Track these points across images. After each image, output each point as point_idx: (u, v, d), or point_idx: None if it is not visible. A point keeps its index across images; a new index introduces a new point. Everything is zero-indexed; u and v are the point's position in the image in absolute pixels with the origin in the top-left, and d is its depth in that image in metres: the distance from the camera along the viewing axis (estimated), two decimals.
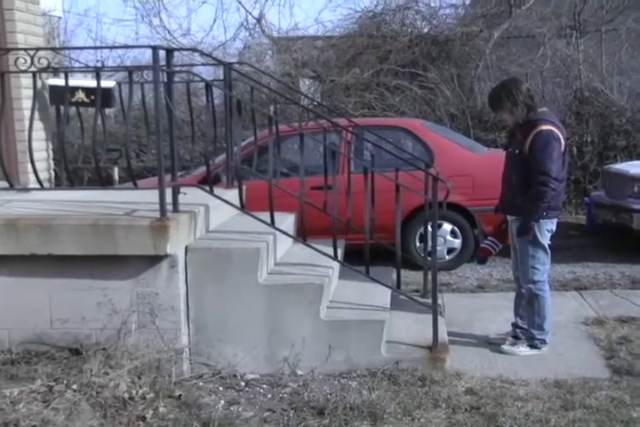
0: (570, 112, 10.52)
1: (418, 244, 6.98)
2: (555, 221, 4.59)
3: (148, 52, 12.08)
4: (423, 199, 5.31)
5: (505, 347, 4.64)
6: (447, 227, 7.03)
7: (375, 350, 4.16)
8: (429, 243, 4.83)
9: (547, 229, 4.52)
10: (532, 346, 4.61)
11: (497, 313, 5.32)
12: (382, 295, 4.63)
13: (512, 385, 4.04)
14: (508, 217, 4.69)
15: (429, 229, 4.85)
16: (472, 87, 11.10)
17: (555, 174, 4.36)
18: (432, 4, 12.06)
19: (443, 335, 4.45)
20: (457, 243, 7.09)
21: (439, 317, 4.41)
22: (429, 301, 4.51)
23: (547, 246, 4.55)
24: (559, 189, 4.48)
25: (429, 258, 4.99)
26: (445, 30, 11.67)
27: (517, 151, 4.51)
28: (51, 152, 5.62)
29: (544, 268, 4.57)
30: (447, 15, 12.24)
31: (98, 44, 12.82)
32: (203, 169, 6.90)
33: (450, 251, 7.07)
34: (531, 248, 4.51)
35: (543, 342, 4.61)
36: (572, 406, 3.74)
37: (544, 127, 4.41)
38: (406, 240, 6.79)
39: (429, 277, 4.94)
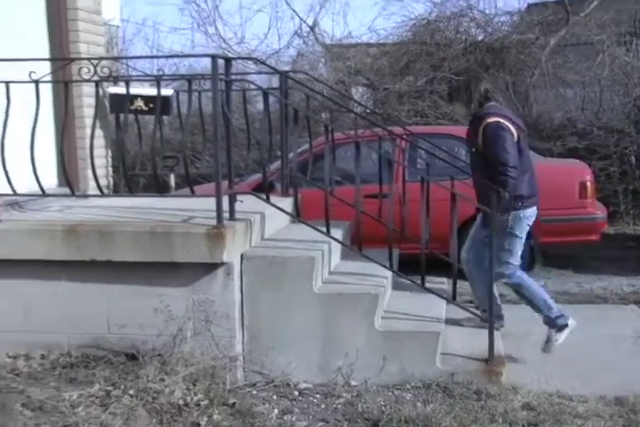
0: (629, 121, 10.29)
1: None
2: (533, 211, 4.62)
3: (204, 60, 12.30)
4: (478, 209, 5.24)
5: (544, 346, 4.62)
6: None
7: (430, 362, 4.11)
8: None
9: (526, 222, 4.60)
10: (561, 327, 4.59)
11: None
12: (437, 306, 4.59)
13: (570, 401, 3.95)
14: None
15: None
16: (527, 95, 10.95)
17: (512, 163, 4.44)
18: (487, 12, 11.93)
19: (499, 348, 4.38)
20: None
21: (495, 329, 4.34)
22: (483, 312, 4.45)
23: (522, 239, 4.63)
24: (521, 177, 4.52)
25: None
26: (500, 38, 11.53)
27: (474, 149, 4.65)
28: (110, 159, 5.72)
29: (517, 261, 4.66)
30: (502, 22, 12.09)
31: (155, 52, 13.02)
32: (256, 176, 6.95)
33: None
34: (507, 243, 4.57)
35: (564, 317, 4.60)
36: (636, 425, 3.63)
37: (489, 120, 4.53)
38: (460, 250, 6.70)
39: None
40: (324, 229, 4.37)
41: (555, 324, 4.61)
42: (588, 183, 7.03)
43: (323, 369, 4.15)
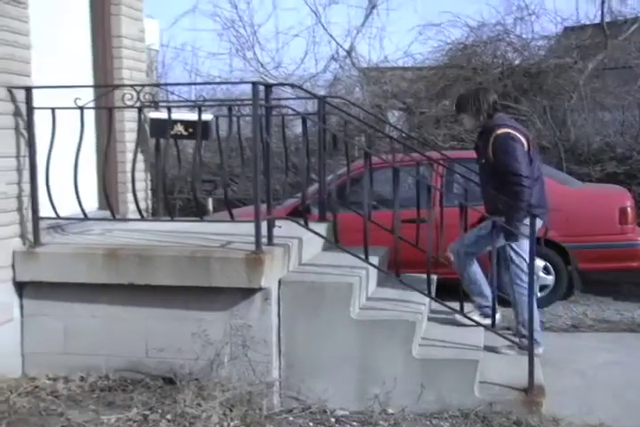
0: None
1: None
2: (538, 224, 4.53)
3: (242, 84, 12.41)
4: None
5: (457, 316, 4.63)
6: (540, 263, 6.83)
7: (468, 391, 4.06)
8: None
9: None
10: (483, 315, 4.65)
11: (594, 355, 5.13)
12: (475, 333, 4.53)
13: None
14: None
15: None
16: (565, 119, 10.86)
17: (524, 173, 4.47)
18: (524, 36, 11.91)
19: (538, 377, 4.30)
20: (550, 280, 6.89)
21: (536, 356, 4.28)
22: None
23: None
24: (533, 187, 4.53)
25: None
26: (538, 62, 11.49)
27: (483, 160, 4.67)
28: (149, 183, 5.79)
29: (477, 251, 4.71)
30: (539, 46, 12.07)
31: (193, 76, 13.23)
32: (293, 200, 6.98)
33: (542, 288, 6.87)
34: (515, 249, 4.58)
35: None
36: None
37: (499, 131, 4.56)
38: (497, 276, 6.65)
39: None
40: (362, 255, 4.36)
41: (481, 310, 4.73)
42: (629, 209, 6.93)
43: (359, 396, 4.12)
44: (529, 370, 4.15)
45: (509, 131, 4.58)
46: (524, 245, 4.55)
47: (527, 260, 4.45)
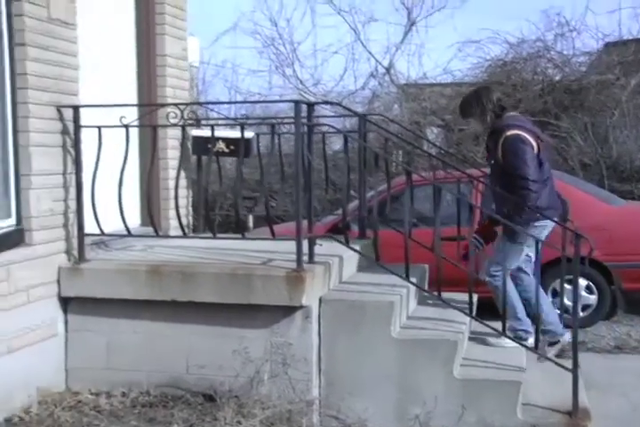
0: None
1: (551, 299, 6.73)
2: (550, 223, 4.54)
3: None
4: (556, 253, 5.13)
5: (490, 339, 4.56)
6: (582, 282, 6.73)
7: (510, 413, 3.99)
8: (565, 299, 4.67)
9: (536, 232, 4.49)
10: (517, 337, 4.51)
11: (639, 378, 5.02)
12: (518, 354, 4.47)
13: None
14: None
15: (565, 285, 4.68)
16: (607, 136, 10.72)
17: (532, 177, 4.42)
18: (565, 52, 11.81)
19: (583, 400, 4.23)
20: (592, 299, 6.78)
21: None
22: (565, 361, 4.31)
23: (524, 248, 4.56)
24: (541, 190, 4.48)
25: (566, 315, 4.82)
26: (579, 78, 11.38)
27: (493, 161, 4.63)
28: (190, 199, 5.84)
29: (510, 266, 4.56)
30: (580, 63, 11.95)
31: (232, 93, 13.37)
32: (332, 217, 6.99)
33: (585, 307, 6.76)
34: (507, 246, 4.51)
35: (526, 332, 4.53)
36: None
37: (509, 133, 4.50)
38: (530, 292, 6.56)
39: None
40: (402, 273, 4.35)
41: (516, 334, 4.58)
42: None
43: (399, 416, 4.08)
44: (573, 392, 4.08)
45: (519, 132, 4.51)
46: (518, 246, 4.53)
47: (502, 253, 4.47)
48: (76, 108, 4.27)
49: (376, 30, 13.64)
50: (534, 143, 4.54)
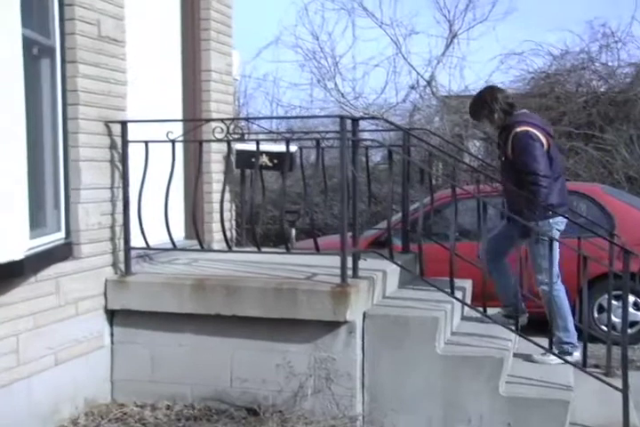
0: None
1: (596, 315, 6.62)
2: (562, 220, 4.52)
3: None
4: (602, 268, 5.04)
5: (535, 356, 4.46)
6: (630, 299, 6.60)
7: None
8: (612, 315, 4.60)
9: (556, 228, 4.48)
10: (563, 352, 4.42)
11: None
12: (565, 372, 4.39)
13: None
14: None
15: (613, 301, 4.60)
16: None
17: (543, 172, 4.42)
18: (610, 63, 11.66)
19: (634, 421, 4.13)
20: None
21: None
22: (614, 380, 4.23)
23: (556, 246, 4.43)
24: (552, 186, 4.48)
25: (613, 332, 4.72)
26: (624, 90, 11.22)
27: (504, 158, 4.64)
28: (233, 213, 5.88)
29: (555, 268, 4.47)
30: (626, 74, 11.78)
31: (274, 106, 13.47)
32: (373, 231, 6.96)
33: (632, 324, 6.61)
34: (543, 248, 4.40)
35: (573, 345, 4.44)
36: None
37: (518, 129, 4.50)
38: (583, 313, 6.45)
39: (612, 353, 4.68)
40: (447, 288, 4.31)
41: (562, 348, 4.51)
42: None
43: None
44: (623, 413, 3.99)
45: (529, 129, 4.52)
46: (543, 244, 4.44)
47: (544, 256, 4.38)
48: (123, 124, 4.33)
49: (417, 43, 13.70)
50: (544, 140, 4.55)
